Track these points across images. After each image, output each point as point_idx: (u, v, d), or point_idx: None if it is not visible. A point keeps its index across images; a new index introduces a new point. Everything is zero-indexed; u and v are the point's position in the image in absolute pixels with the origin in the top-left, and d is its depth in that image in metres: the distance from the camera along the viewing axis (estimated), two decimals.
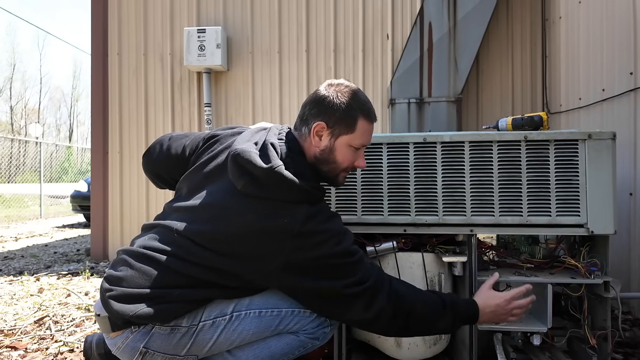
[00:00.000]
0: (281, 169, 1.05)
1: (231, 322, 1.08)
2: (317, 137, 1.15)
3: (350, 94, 1.15)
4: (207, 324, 1.07)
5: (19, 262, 3.86)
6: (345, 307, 1.08)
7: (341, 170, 1.20)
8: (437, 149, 1.41)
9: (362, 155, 1.21)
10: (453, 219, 1.40)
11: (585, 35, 2.69)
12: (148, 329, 1.04)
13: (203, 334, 1.07)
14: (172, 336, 1.05)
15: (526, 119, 1.49)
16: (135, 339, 1.05)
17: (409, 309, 1.10)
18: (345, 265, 1.07)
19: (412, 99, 3.14)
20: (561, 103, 3.00)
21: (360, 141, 1.16)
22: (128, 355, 1.07)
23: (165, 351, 1.06)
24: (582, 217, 1.36)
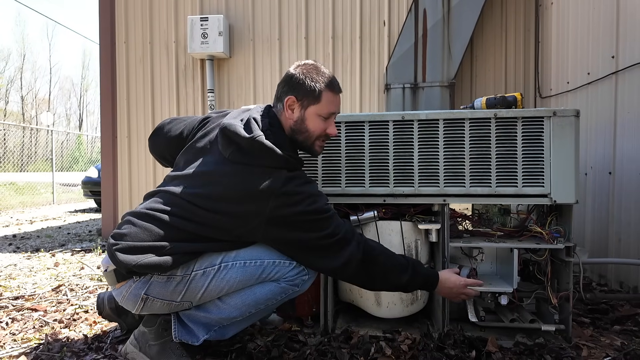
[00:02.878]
0: (261, 139, 1.22)
1: (220, 271, 1.24)
2: (290, 110, 1.32)
3: (314, 70, 1.32)
4: (198, 273, 1.23)
5: (35, 241, 4.08)
6: (319, 255, 1.24)
7: (315, 138, 1.34)
8: (414, 126, 1.54)
9: (332, 124, 1.36)
10: (427, 190, 1.53)
11: (574, 21, 2.76)
12: (147, 278, 1.21)
13: (195, 282, 1.23)
14: (168, 284, 1.22)
15: (499, 99, 1.61)
16: (137, 287, 1.21)
17: (375, 259, 1.27)
18: (319, 220, 1.23)
19: (406, 84, 3.25)
20: (551, 87, 3.09)
21: (326, 110, 1.32)
22: (132, 303, 1.24)
23: (163, 297, 1.22)
24: (546, 187, 1.48)
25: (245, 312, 1.29)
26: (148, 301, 1.23)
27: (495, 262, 1.70)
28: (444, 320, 1.54)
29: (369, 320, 1.69)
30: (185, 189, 1.25)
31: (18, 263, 3.03)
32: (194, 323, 1.30)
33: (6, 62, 38.00)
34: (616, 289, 2.18)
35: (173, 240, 1.20)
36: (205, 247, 1.25)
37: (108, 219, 3.84)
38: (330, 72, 1.36)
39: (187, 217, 1.22)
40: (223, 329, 1.32)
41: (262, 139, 1.22)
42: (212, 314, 1.29)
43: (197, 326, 1.30)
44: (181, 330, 1.29)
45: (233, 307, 1.28)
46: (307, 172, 1.58)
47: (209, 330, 1.30)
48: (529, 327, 1.53)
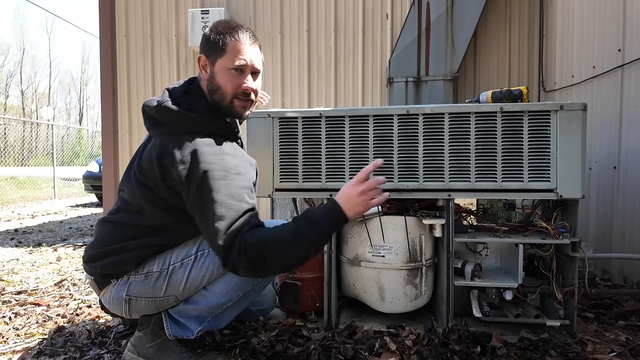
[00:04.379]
0: (167, 104, 1.20)
1: (197, 260, 1.22)
2: (204, 70, 1.26)
3: (221, 24, 1.24)
4: (177, 266, 1.22)
5: (37, 235, 4.08)
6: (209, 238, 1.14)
7: (230, 95, 1.23)
8: (419, 120, 1.53)
9: (249, 78, 1.24)
10: (432, 185, 1.52)
11: (580, 14, 2.73)
12: (125, 280, 1.23)
13: (175, 275, 1.22)
14: (147, 281, 1.22)
15: (505, 92, 1.59)
16: (117, 290, 1.24)
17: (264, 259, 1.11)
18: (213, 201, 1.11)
19: (409, 78, 3.22)
20: (555, 81, 3.06)
21: (234, 62, 1.20)
22: (117, 306, 1.25)
23: (145, 295, 1.23)
24: (552, 182, 1.47)
25: (233, 297, 1.26)
26: (132, 302, 1.23)
27: (500, 257, 1.69)
28: (448, 315, 1.53)
29: (373, 315, 1.69)
30: (122, 183, 1.28)
31: (20, 257, 3.03)
32: (185, 317, 1.28)
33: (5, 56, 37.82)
34: (620, 283, 2.17)
35: (129, 239, 1.22)
36: (160, 239, 1.23)
37: None
38: (238, 23, 1.26)
39: (129, 209, 1.23)
40: (216, 319, 1.30)
41: (168, 104, 1.20)
42: (200, 304, 1.26)
43: (189, 320, 1.28)
44: (174, 326, 1.27)
45: (219, 294, 1.25)
46: (310, 167, 1.57)
47: (202, 322, 1.28)
48: (533, 322, 1.52)
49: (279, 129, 1.60)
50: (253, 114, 1.60)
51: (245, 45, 1.21)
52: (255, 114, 1.60)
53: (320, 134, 1.58)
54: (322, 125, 1.57)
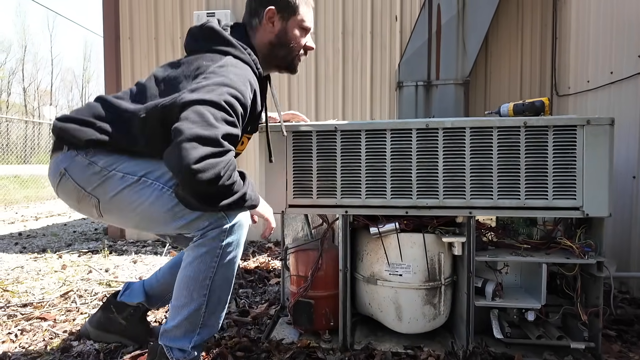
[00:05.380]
0: (211, 23, 1.25)
1: (137, 183, 1.18)
2: (271, 23, 1.29)
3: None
4: (117, 175, 1.18)
5: (41, 240, 4.04)
6: None
7: (297, 52, 1.34)
8: (439, 134, 1.47)
9: (309, 39, 1.38)
10: (453, 202, 1.46)
11: (596, 17, 2.66)
12: (72, 155, 1.19)
13: (110, 182, 1.18)
14: (86, 169, 1.18)
15: (527, 105, 1.53)
16: (61, 159, 1.21)
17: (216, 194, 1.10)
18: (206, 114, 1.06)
19: (419, 82, 3.16)
20: (569, 86, 3.00)
21: (306, 22, 1.33)
22: (52, 176, 1.24)
23: (77, 180, 1.19)
24: (578, 200, 1.41)
25: (200, 297, 1.18)
26: (64, 178, 1.20)
27: (521, 273, 1.64)
28: (468, 336, 1.48)
29: (388, 334, 1.64)
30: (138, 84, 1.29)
31: (25, 265, 2.99)
32: (176, 341, 1.22)
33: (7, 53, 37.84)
34: (639, 297, 2.12)
35: (102, 119, 1.19)
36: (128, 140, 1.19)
37: None
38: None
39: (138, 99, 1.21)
40: (204, 328, 1.22)
41: (212, 23, 1.24)
42: (176, 320, 1.20)
43: (181, 341, 1.22)
44: (176, 351, 1.21)
45: (183, 299, 1.19)
46: (325, 182, 1.52)
47: (192, 338, 1.22)
48: (557, 344, 1.47)
49: (292, 143, 1.54)
50: (266, 129, 1.55)
51: (312, 9, 1.35)
52: (269, 128, 1.55)
53: (335, 148, 1.52)
54: (338, 140, 1.52)
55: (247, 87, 1.16)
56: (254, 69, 1.25)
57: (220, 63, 1.17)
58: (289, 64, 1.34)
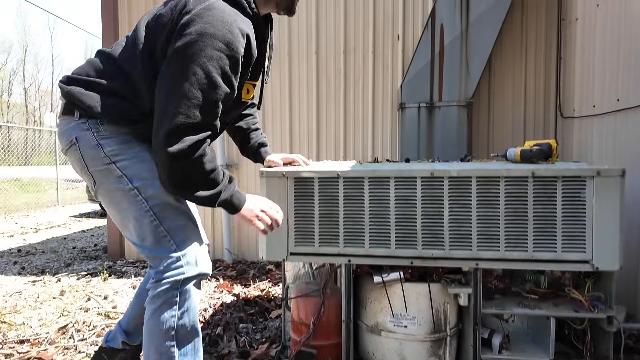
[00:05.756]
0: None
1: (129, 192, 1.17)
2: None
3: None
4: (116, 173, 1.17)
5: (40, 258, 4.01)
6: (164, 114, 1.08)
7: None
8: (444, 183, 1.43)
9: None
10: (459, 253, 1.43)
11: (602, 41, 2.61)
12: (84, 126, 1.18)
13: (109, 175, 1.18)
14: (94, 149, 1.17)
15: (535, 152, 1.49)
16: (74, 127, 1.19)
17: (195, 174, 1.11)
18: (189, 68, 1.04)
19: (422, 103, 3.12)
20: (574, 108, 2.95)
21: None
22: (63, 141, 1.23)
23: (83, 155, 1.19)
24: (587, 253, 1.37)
25: (167, 350, 1.17)
26: (73, 147, 1.19)
27: (528, 321, 1.60)
28: None
29: None
30: None
31: (23, 290, 2.96)
32: None
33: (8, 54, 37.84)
34: None
35: (107, 77, 1.17)
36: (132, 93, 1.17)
37: (114, 239, 3.75)
38: None
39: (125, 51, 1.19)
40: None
41: None
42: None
43: None
44: None
45: (152, 357, 1.18)
46: (327, 230, 1.48)
47: None
48: None
49: (294, 189, 1.51)
50: (268, 174, 1.51)
51: None
52: (269, 173, 1.51)
53: (338, 195, 1.48)
54: (340, 186, 1.48)
55: (237, 35, 1.09)
56: (247, 10, 1.17)
57: (205, 5, 1.09)
58: (288, 4, 1.30)
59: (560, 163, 1.59)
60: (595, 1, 2.68)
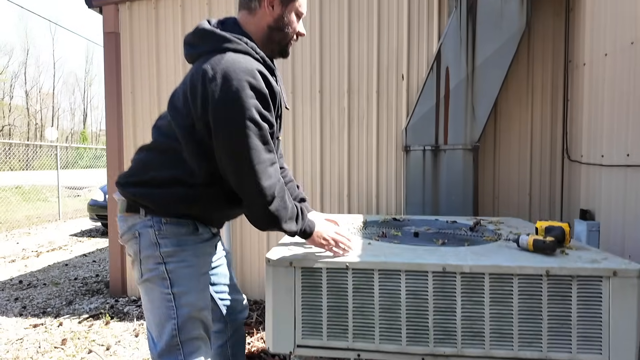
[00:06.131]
0: (202, 25, 1.29)
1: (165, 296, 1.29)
2: (271, 7, 1.32)
3: None
4: (160, 274, 1.29)
5: (42, 293, 3.98)
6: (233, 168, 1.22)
7: (291, 36, 1.38)
8: (456, 278, 1.40)
9: (302, 25, 1.41)
10: (472, 351, 1.39)
11: (611, 91, 2.58)
12: (148, 224, 1.29)
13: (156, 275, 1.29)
14: (151, 248, 1.29)
15: (549, 244, 1.46)
16: (138, 224, 1.31)
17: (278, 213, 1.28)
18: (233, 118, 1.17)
19: (427, 146, 3.09)
20: (582, 154, 2.92)
21: (301, 10, 1.37)
22: (125, 230, 1.34)
23: (141, 250, 1.30)
24: (603, 355, 1.34)
25: None
26: (134, 240, 1.31)
27: None
28: None
29: None
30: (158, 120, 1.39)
31: (24, 336, 2.93)
32: None
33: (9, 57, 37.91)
34: None
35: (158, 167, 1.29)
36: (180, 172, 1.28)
37: (116, 275, 3.72)
38: None
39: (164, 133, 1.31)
40: None
41: (203, 24, 1.29)
42: None
43: None
44: None
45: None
46: (336, 323, 1.45)
47: None
48: None
49: (301, 279, 1.47)
50: (274, 262, 1.48)
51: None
52: (276, 262, 1.48)
53: (347, 286, 1.45)
54: (349, 278, 1.45)
55: (257, 76, 1.20)
56: (254, 56, 1.27)
57: (222, 64, 1.18)
58: (282, 48, 1.39)
59: (574, 253, 1.55)
60: (604, 50, 2.65)
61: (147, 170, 1.31)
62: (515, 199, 3.25)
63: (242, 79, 1.16)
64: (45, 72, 51.84)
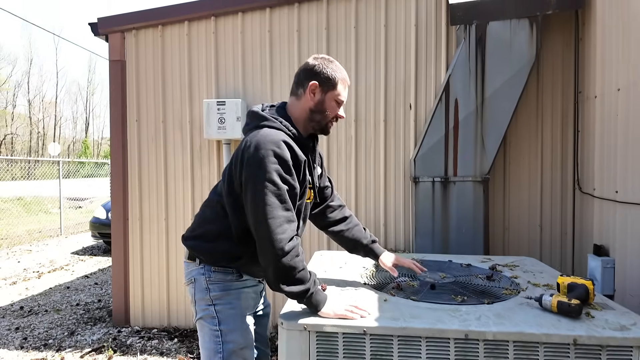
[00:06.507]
0: (253, 108, 1.56)
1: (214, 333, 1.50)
2: (312, 94, 1.52)
3: (332, 63, 1.54)
4: (211, 314, 1.50)
5: (43, 321, 3.91)
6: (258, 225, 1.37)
7: (330, 119, 1.57)
8: (479, 346, 1.34)
9: (342, 110, 1.60)
10: None
11: (624, 126, 2.54)
12: (201, 271, 1.52)
13: (206, 316, 1.51)
14: (203, 292, 1.52)
15: (574, 308, 1.40)
16: (194, 271, 1.54)
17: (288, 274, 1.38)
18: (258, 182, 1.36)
19: (436, 178, 3.05)
20: (595, 187, 2.87)
21: (341, 97, 1.55)
22: (188, 278, 1.57)
23: (195, 293, 1.53)
24: None
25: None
26: (191, 284, 1.54)
27: None
28: None
29: None
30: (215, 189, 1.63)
31: None
32: None
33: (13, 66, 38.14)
34: None
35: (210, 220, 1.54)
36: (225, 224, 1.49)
37: (119, 304, 3.66)
38: (341, 66, 1.58)
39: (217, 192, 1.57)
40: None
41: (253, 107, 1.56)
42: None
43: None
44: None
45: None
46: None
47: None
48: None
49: (316, 344, 1.42)
50: (287, 325, 1.43)
51: (347, 86, 1.58)
52: (289, 325, 1.43)
53: (364, 353, 1.40)
54: (367, 344, 1.39)
55: (282, 146, 1.39)
56: (286, 132, 1.47)
57: (257, 136, 1.41)
58: (322, 127, 1.58)
59: (599, 315, 1.49)
60: (616, 83, 2.61)
61: (201, 224, 1.56)
62: (525, 230, 3.20)
63: (269, 148, 1.37)
64: (48, 81, 52.14)
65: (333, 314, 1.42)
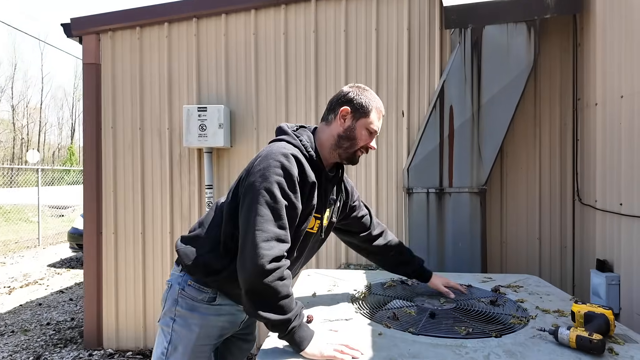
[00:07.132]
0: (281, 125, 1.49)
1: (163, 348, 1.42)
2: (343, 119, 1.45)
3: (366, 91, 1.48)
4: (168, 329, 1.42)
5: (8, 343, 3.62)
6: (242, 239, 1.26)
7: (359, 147, 1.47)
8: None
9: (374, 140, 1.50)
10: None
11: (629, 136, 2.41)
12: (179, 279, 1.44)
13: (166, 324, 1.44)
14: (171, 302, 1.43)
15: (597, 344, 1.23)
16: (177, 276, 1.46)
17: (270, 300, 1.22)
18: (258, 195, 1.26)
19: (431, 189, 2.88)
20: (597, 199, 2.73)
21: (373, 126, 1.46)
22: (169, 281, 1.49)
23: (167, 300, 1.45)
24: None
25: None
26: (167, 289, 1.46)
27: None
28: None
29: None
30: None
31: None
32: None
33: None
34: None
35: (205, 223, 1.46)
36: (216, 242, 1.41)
37: (91, 325, 3.39)
38: (377, 96, 1.50)
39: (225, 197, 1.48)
40: None
41: (282, 124, 1.49)
42: None
43: None
44: None
45: None
46: None
47: None
48: None
49: None
50: None
51: (381, 116, 1.50)
52: None
53: None
54: None
55: (290, 158, 1.31)
56: (303, 152, 1.39)
57: (272, 146, 1.37)
58: (349, 155, 1.49)
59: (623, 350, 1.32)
60: (619, 91, 2.49)
61: (195, 227, 1.49)
62: (524, 244, 3.05)
63: (277, 158, 1.30)
64: (33, 86, 51.16)
65: (319, 355, 1.21)
